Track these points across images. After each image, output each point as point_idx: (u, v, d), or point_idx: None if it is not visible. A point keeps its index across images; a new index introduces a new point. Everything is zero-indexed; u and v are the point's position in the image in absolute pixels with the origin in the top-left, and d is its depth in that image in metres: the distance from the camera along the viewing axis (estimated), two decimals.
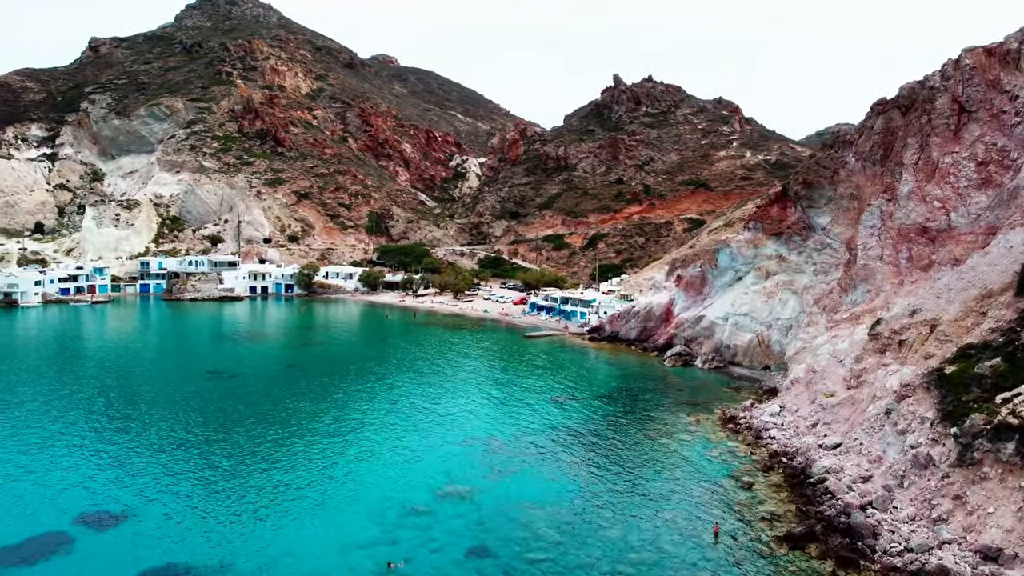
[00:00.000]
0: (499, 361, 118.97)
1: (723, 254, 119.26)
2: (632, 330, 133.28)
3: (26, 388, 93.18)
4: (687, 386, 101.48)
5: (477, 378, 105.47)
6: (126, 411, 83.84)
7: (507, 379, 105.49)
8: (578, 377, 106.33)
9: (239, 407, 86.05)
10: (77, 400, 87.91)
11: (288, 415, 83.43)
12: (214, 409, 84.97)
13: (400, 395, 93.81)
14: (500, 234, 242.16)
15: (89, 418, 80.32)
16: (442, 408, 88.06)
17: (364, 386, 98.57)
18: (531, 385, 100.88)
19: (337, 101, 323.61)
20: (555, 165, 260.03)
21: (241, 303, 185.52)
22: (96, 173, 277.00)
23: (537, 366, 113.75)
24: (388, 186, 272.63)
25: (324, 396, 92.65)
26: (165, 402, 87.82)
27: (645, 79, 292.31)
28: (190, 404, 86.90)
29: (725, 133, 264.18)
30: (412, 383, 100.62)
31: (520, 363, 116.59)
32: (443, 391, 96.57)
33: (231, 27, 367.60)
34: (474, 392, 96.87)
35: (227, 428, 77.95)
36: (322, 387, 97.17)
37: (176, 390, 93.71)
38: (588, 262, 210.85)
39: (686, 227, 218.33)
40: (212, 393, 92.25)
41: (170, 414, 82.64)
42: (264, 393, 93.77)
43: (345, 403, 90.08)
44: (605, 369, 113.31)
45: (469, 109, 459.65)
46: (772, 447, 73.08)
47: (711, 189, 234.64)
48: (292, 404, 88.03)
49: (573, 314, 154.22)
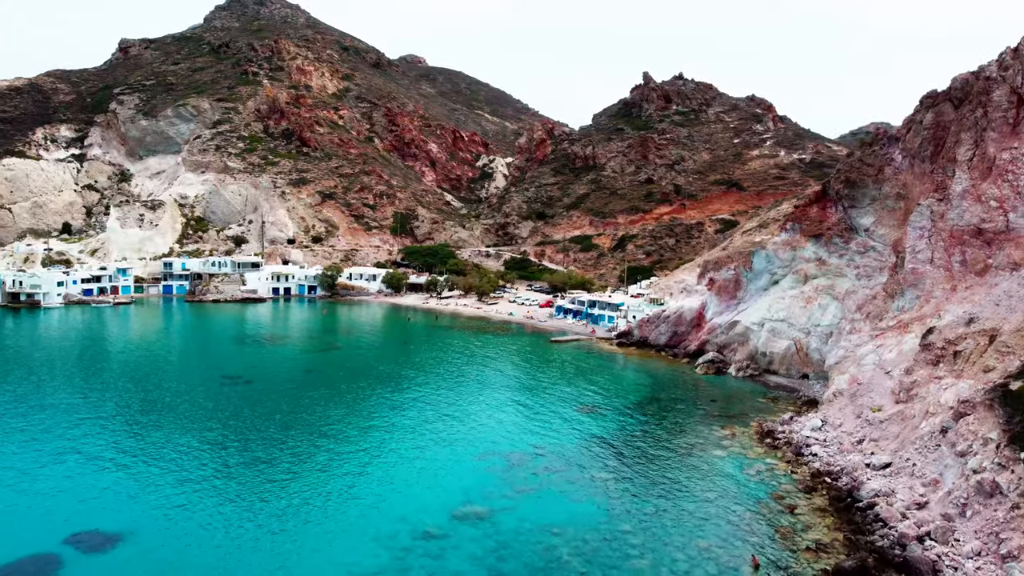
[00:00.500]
0: (523, 367, 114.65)
1: (758, 256, 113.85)
2: (662, 335, 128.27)
3: (38, 392, 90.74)
4: (720, 396, 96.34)
5: (500, 385, 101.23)
6: (137, 418, 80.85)
7: (531, 386, 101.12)
8: (605, 385, 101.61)
9: (250, 415, 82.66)
10: (89, 406, 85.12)
11: (301, 425, 79.85)
12: (224, 417, 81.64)
13: (419, 403, 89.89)
14: (526, 235, 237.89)
15: (98, 426, 77.36)
16: (463, 417, 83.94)
17: (382, 393, 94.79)
18: (556, 393, 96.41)
19: (363, 101, 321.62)
20: (583, 164, 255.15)
21: (263, 305, 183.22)
22: (124, 174, 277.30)
23: (563, 373, 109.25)
24: (413, 186, 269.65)
25: (340, 404, 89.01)
26: (175, 409, 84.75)
27: (675, 76, 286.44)
28: (200, 412, 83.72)
29: (758, 132, 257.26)
30: (432, 390, 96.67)
31: (545, 369, 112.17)
32: (464, 399, 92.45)
33: (259, 27, 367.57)
34: (497, 400, 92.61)
35: (235, 438, 74.49)
36: (339, 394, 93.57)
37: (188, 397, 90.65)
38: (616, 264, 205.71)
39: (718, 228, 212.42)
40: (224, 400, 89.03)
41: (180, 423, 79.47)
42: (278, 400, 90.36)
43: (361, 412, 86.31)
44: (633, 376, 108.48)
45: (497, 109, 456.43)
46: (814, 465, 67.89)
47: (744, 189, 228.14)
48: (306, 413, 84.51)
49: (601, 318, 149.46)
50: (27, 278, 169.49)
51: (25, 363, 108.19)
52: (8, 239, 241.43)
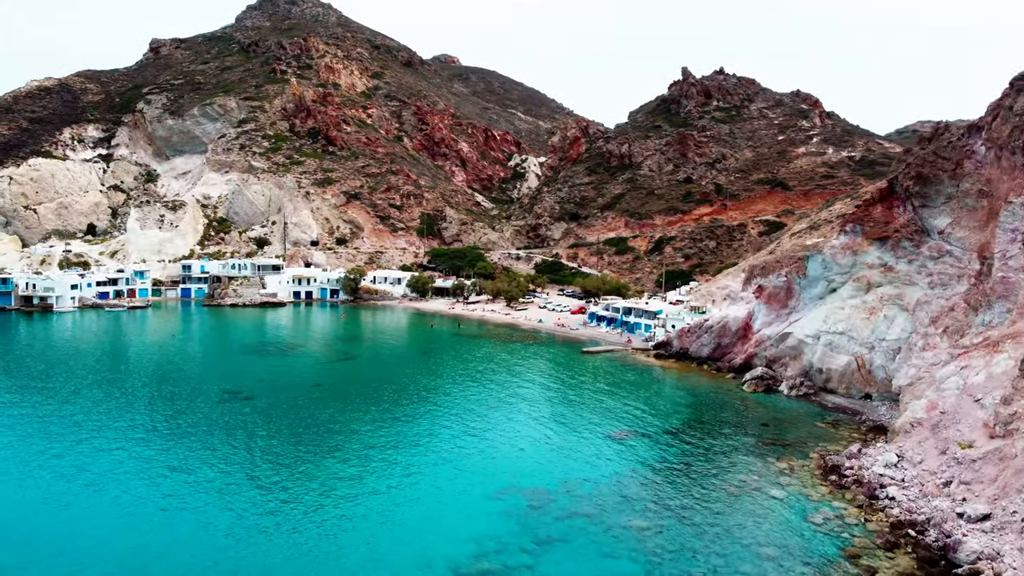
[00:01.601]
0: (552, 382, 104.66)
1: (814, 261, 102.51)
2: (704, 347, 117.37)
3: (12, 408, 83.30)
4: (772, 418, 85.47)
5: (525, 404, 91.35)
6: (109, 443, 72.57)
7: (560, 406, 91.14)
8: (642, 404, 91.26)
9: (241, 438, 74.00)
10: (63, 423, 77.24)
11: (294, 453, 70.89)
12: (211, 440, 73.11)
13: (432, 426, 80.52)
14: (559, 237, 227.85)
15: (70, 448, 69.31)
16: (480, 444, 74.32)
17: (393, 413, 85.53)
18: (587, 414, 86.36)
19: (393, 99, 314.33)
20: (618, 163, 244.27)
21: (283, 309, 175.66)
22: (150, 174, 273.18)
23: (595, 390, 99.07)
24: (442, 186, 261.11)
25: (344, 427, 80.00)
26: (160, 429, 76.37)
27: (716, 71, 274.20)
28: (187, 435, 75.29)
29: (804, 128, 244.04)
30: (449, 410, 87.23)
31: (575, 385, 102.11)
32: (484, 421, 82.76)
33: (289, 26, 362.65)
34: (520, 422, 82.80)
35: (214, 469, 65.70)
36: (345, 414, 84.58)
37: (179, 416, 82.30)
38: (653, 268, 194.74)
39: (762, 230, 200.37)
40: (218, 420, 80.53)
41: (161, 445, 71.08)
42: (277, 421, 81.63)
43: (366, 437, 77.08)
44: (673, 394, 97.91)
45: (531, 108, 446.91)
46: (893, 512, 56.97)
47: (789, 189, 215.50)
48: (304, 437, 75.62)
49: (637, 326, 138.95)
50: (40, 281, 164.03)
51: (16, 372, 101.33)
52: (33, 240, 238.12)
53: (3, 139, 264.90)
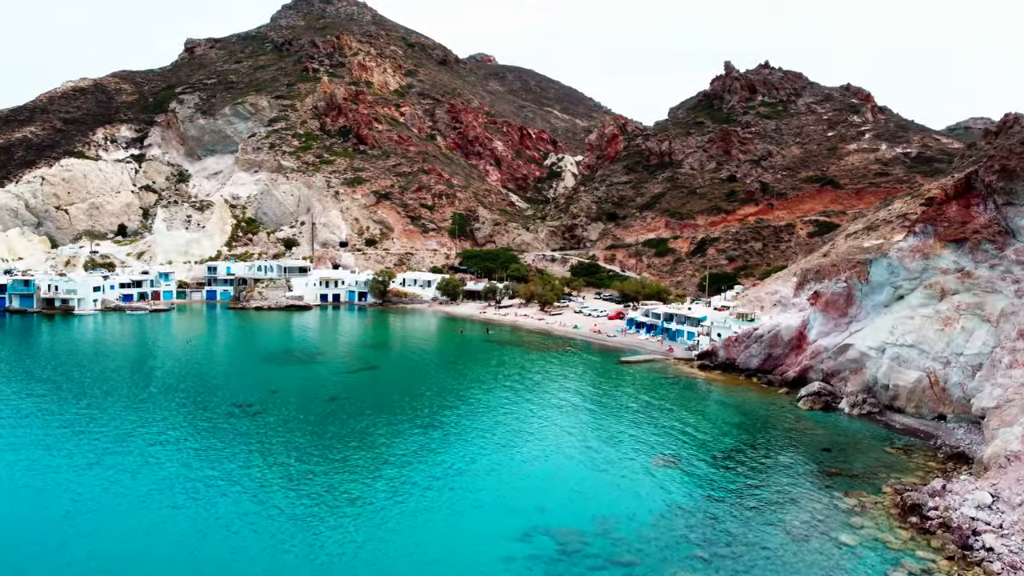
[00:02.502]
0: (587, 397, 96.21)
1: (878, 266, 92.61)
2: (753, 358, 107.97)
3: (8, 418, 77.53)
4: (834, 442, 76.16)
5: (557, 423, 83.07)
6: (99, 457, 66.16)
7: (595, 425, 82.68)
8: (686, 424, 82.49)
9: (242, 460, 67.06)
10: (52, 437, 71.13)
11: (291, 479, 63.62)
12: (211, 460, 66.27)
13: (452, 450, 72.75)
14: (596, 238, 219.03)
15: (42, 463, 63.02)
16: (505, 472, 66.41)
17: (409, 434, 77.87)
18: (625, 435, 77.87)
19: (426, 97, 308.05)
20: (658, 162, 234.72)
21: (309, 313, 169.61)
22: (182, 174, 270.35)
23: (634, 406, 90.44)
24: (476, 185, 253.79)
25: (353, 449, 72.59)
26: (149, 451, 69.71)
27: (761, 65, 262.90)
28: (185, 453, 68.54)
29: (855, 123, 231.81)
30: (472, 430, 79.39)
31: (613, 400, 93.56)
32: (511, 444, 74.72)
33: (324, 25, 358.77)
34: (551, 446, 74.61)
35: (207, 496, 58.70)
36: (356, 433, 77.13)
37: (179, 433, 75.73)
38: (696, 270, 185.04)
39: (811, 231, 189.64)
40: (220, 438, 73.76)
41: (156, 464, 64.42)
42: (282, 439, 74.56)
43: (375, 460, 69.56)
44: (720, 412, 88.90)
45: (568, 107, 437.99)
46: (993, 568, 47.78)
47: (840, 187, 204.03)
48: (306, 459, 68.39)
49: (679, 334, 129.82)
50: (63, 283, 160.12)
51: (20, 377, 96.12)
52: (64, 241, 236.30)
53: (37, 139, 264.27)
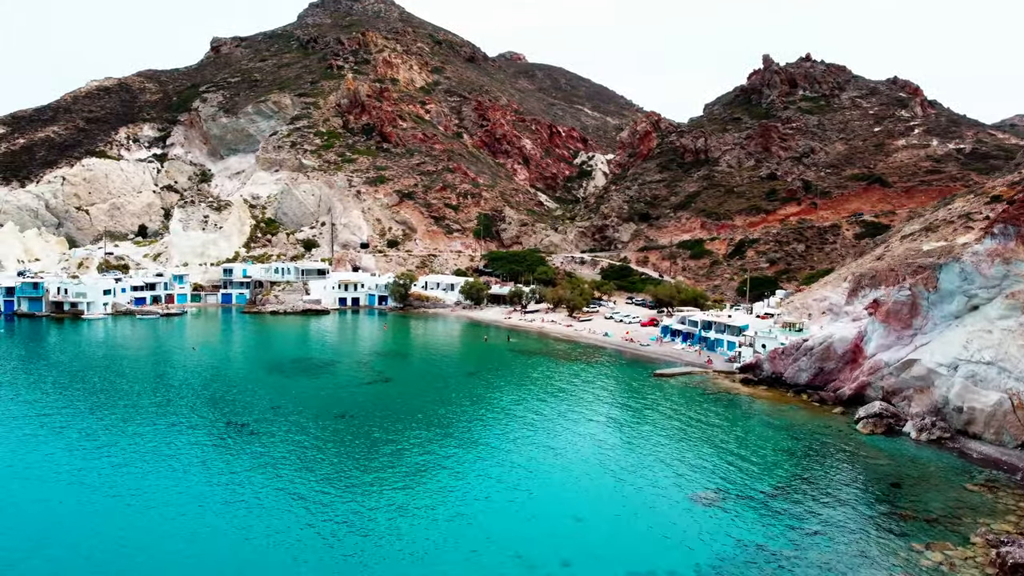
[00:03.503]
0: (618, 418, 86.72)
1: (948, 272, 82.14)
2: (803, 372, 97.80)
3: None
4: (903, 475, 66.12)
5: (582, 452, 73.70)
6: (72, 482, 58.59)
7: (626, 453, 73.24)
8: (730, 450, 72.87)
9: (220, 490, 58.95)
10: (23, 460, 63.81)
11: (279, 507, 55.33)
12: (193, 489, 58.27)
13: (462, 482, 63.94)
14: (627, 239, 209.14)
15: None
16: (521, 512, 57.46)
17: (413, 462, 69.22)
18: (660, 464, 68.50)
19: (453, 95, 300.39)
20: (693, 159, 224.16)
21: (327, 318, 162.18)
22: (204, 174, 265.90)
23: (670, 428, 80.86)
24: (503, 185, 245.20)
25: (353, 475, 64.18)
26: (124, 483, 61.97)
27: (802, 58, 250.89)
28: (163, 481, 60.66)
29: (904, 118, 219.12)
30: (486, 457, 70.47)
31: (646, 421, 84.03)
32: (527, 478, 65.65)
33: (350, 23, 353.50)
34: (575, 479, 65.42)
35: (178, 521, 50.62)
36: (357, 459, 68.71)
37: (170, 449, 68.09)
38: (734, 274, 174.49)
39: (857, 232, 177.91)
40: (208, 463, 65.82)
41: (118, 494, 56.62)
42: (276, 464, 66.40)
43: (373, 494, 61.02)
44: (768, 436, 78.97)
45: (599, 105, 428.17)
46: None
47: (888, 185, 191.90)
48: (301, 487, 60.06)
49: (718, 343, 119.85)
50: (72, 286, 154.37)
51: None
52: (84, 241, 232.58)
53: (59, 139, 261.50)
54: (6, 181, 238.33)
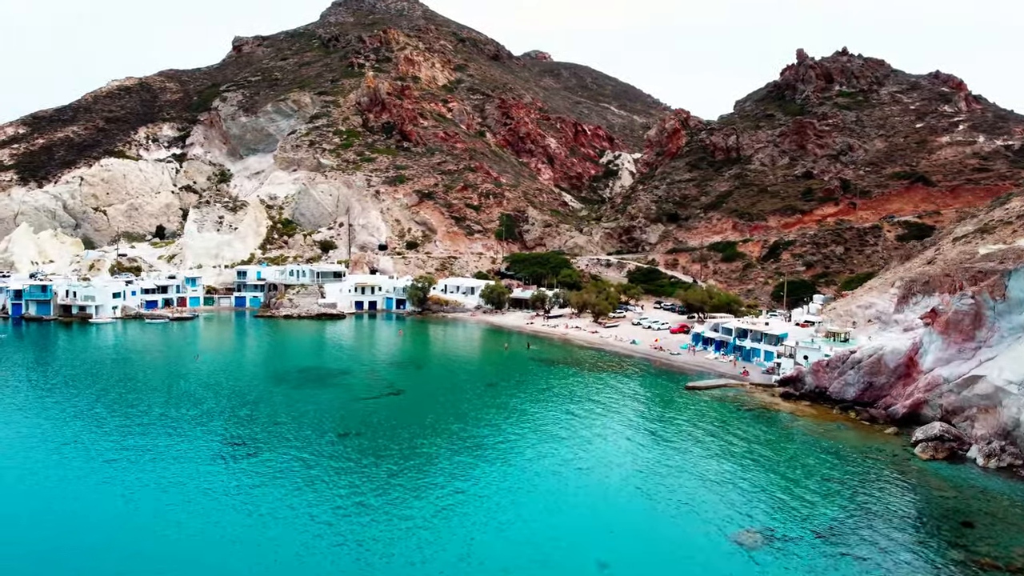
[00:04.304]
0: (647, 439, 78.93)
1: (1020, 278, 73.73)
2: (849, 387, 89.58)
3: None
4: (974, 511, 58.06)
5: (608, 479, 66.37)
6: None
7: (658, 480, 65.75)
8: (773, 478, 65.23)
9: (198, 524, 52.58)
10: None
11: (270, 539, 48.76)
12: (177, 517, 52.01)
13: (467, 519, 56.93)
14: (655, 241, 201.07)
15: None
16: (539, 555, 50.34)
17: (413, 493, 62.40)
18: (697, 494, 61.03)
19: (476, 93, 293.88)
20: (724, 157, 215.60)
21: (342, 322, 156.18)
22: (224, 174, 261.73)
23: (706, 451, 73.15)
24: (526, 184, 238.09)
25: (344, 510, 57.51)
26: (106, 519, 55.94)
27: (838, 52, 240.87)
28: (142, 510, 54.48)
29: (947, 114, 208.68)
30: (497, 489, 63.39)
31: (679, 442, 76.35)
32: (547, 510, 58.54)
33: (373, 21, 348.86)
34: (601, 512, 58.26)
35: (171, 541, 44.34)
36: (352, 487, 62.01)
37: (159, 474, 62.07)
38: (768, 277, 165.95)
39: (900, 233, 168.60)
40: (203, 491, 59.56)
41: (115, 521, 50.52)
42: (273, 485, 59.95)
43: (367, 529, 54.24)
44: (816, 460, 70.99)
45: (625, 103, 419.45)
46: None
47: (932, 184, 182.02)
48: (294, 518, 53.47)
49: (754, 353, 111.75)
50: (81, 288, 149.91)
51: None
52: (101, 242, 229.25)
53: (78, 139, 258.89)
54: (24, 181, 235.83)
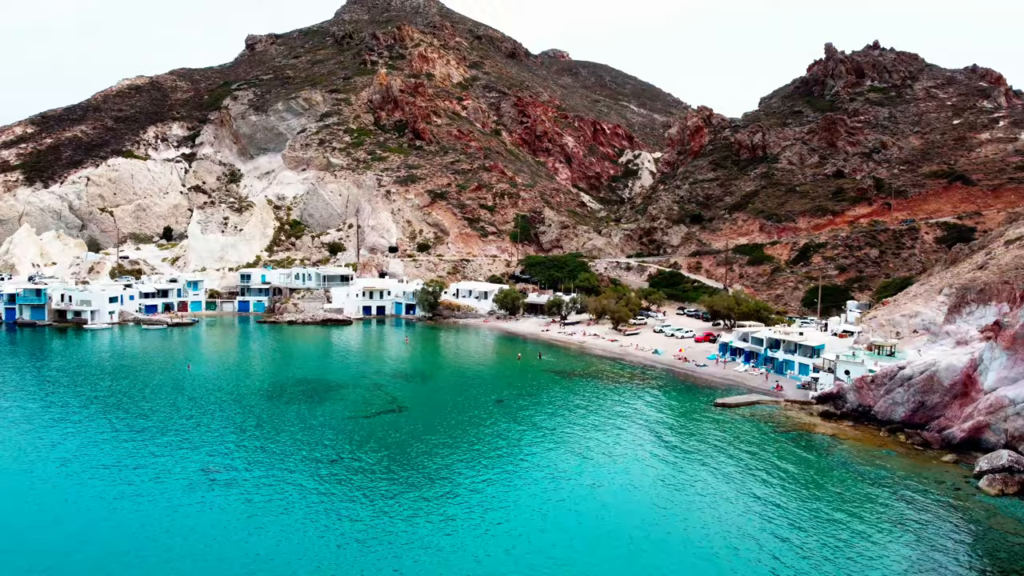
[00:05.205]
0: (672, 467, 70.66)
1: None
2: (898, 407, 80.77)
3: None
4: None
5: (630, 523, 58.42)
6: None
7: (687, 523, 57.59)
8: (818, 518, 56.82)
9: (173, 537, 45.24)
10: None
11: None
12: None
13: (468, 555, 49.11)
14: (677, 243, 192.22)
15: None
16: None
17: (407, 522, 54.63)
18: (733, 542, 52.76)
19: (492, 90, 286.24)
20: (750, 156, 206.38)
21: (349, 328, 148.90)
22: (234, 174, 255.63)
23: (741, 483, 64.75)
24: (542, 184, 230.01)
25: (325, 552, 49.81)
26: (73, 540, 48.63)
27: (869, 46, 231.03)
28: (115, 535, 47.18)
29: (986, 110, 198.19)
30: (498, 526, 55.55)
31: (709, 471, 67.90)
32: (558, 562, 50.60)
33: (388, 18, 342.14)
34: (613, 558, 50.22)
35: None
36: (339, 522, 54.29)
37: (109, 511, 54.82)
38: (799, 282, 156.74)
39: (939, 235, 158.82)
40: (166, 524, 52.18)
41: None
42: (240, 525, 52.45)
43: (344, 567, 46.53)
44: (863, 494, 62.41)
45: (645, 102, 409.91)
46: None
47: (972, 183, 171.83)
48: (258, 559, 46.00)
49: (787, 366, 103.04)
50: (77, 293, 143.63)
51: None
52: (107, 244, 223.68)
53: (86, 139, 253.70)
54: (30, 182, 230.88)
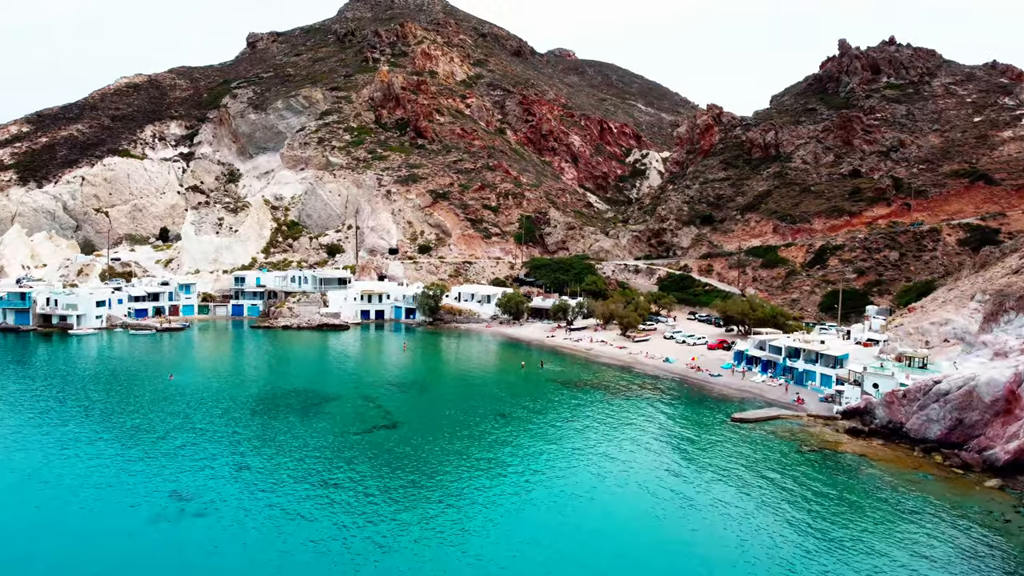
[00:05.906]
0: (684, 494, 64.37)
1: None
2: (933, 424, 74.26)
3: None
4: None
5: (634, 537, 52.19)
6: None
7: (703, 542, 51.34)
8: (849, 556, 50.43)
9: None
10: None
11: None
12: None
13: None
14: (688, 245, 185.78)
15: None
16: None
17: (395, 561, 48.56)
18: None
19: (496, 88, 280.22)
20: (762, 155, 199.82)
21: (345, 334, 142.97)
22: (232, 173, 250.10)
23: (764, 514, 58.43)
24: (548, 184, 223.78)
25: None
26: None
27: (885, 41, 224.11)
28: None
29: (1008, 107, 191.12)
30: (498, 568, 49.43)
31: (727, 500, 61.50)
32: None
33: (391, 16, 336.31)
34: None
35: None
36: (322, 555, 48.21)
37: (78, 547, 48.93)
38: (815, 285, 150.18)
39: (961, 237, 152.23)
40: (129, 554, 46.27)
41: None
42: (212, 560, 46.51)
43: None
44: (899, 526, 56.04)
45: (653, 101, 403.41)
46: None
47: (995, 183, 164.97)
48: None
49: (809, 377, 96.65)
50: (63, 296, 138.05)
51: None
52: (102, 245, 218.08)
53: (83, 138, 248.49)
54: (24, 181, 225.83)
